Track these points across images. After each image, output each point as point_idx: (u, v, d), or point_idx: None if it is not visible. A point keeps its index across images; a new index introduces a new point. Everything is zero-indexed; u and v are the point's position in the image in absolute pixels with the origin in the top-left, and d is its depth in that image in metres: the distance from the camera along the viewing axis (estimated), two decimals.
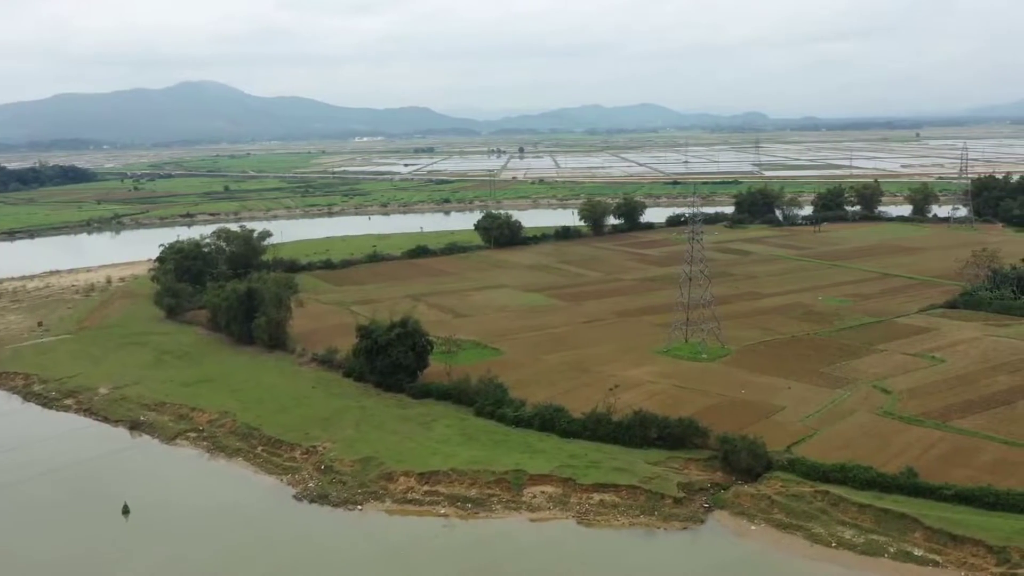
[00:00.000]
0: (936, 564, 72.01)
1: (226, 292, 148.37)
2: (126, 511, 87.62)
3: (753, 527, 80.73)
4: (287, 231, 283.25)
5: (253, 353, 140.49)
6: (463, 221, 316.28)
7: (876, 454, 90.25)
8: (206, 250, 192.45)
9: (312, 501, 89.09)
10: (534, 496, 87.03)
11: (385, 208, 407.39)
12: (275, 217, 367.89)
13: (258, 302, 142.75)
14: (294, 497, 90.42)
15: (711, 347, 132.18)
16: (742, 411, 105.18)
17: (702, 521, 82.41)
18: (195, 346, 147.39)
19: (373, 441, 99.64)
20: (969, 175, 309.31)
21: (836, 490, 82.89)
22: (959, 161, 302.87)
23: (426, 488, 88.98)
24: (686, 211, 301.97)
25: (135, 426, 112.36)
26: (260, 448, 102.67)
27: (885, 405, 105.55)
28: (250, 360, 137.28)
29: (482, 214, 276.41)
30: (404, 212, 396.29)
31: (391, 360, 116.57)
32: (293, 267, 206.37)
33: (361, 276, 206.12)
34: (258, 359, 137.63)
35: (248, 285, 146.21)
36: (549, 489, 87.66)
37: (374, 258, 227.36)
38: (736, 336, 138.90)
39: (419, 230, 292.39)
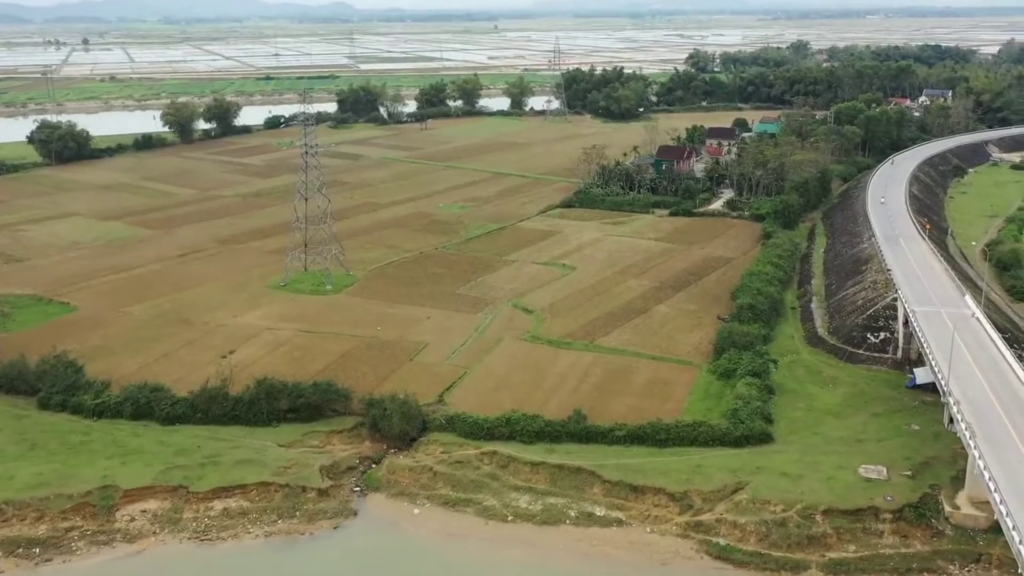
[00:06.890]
0: (620, 523, 64.44)
1: None
2: None
3: (416, 510, 67.40)
4: None
5: None
6: (13, 131, 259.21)
7: (535, 391, 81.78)
8: None
9: None
10: (132, 519, 65.52)
11: None
12: None
13: None
14: None
15: (335, 275, 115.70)
16: (382, 354, 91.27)
17: (355, 513, 67.21)
18: None
19: None
20: (557, 68, 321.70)
21: (504, 448, 72.37)
22: (540, 53, 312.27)
23: None
24: (285, 111, 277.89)
25: None
26: None
27: (530, 328, 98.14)
28: None
29: (37, 122, 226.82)
30: None
31: None
32: None
33: None
34: None
35: None
36: (153, 505, 66.66)
37: None
38: (360, 259, 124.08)
39: None
